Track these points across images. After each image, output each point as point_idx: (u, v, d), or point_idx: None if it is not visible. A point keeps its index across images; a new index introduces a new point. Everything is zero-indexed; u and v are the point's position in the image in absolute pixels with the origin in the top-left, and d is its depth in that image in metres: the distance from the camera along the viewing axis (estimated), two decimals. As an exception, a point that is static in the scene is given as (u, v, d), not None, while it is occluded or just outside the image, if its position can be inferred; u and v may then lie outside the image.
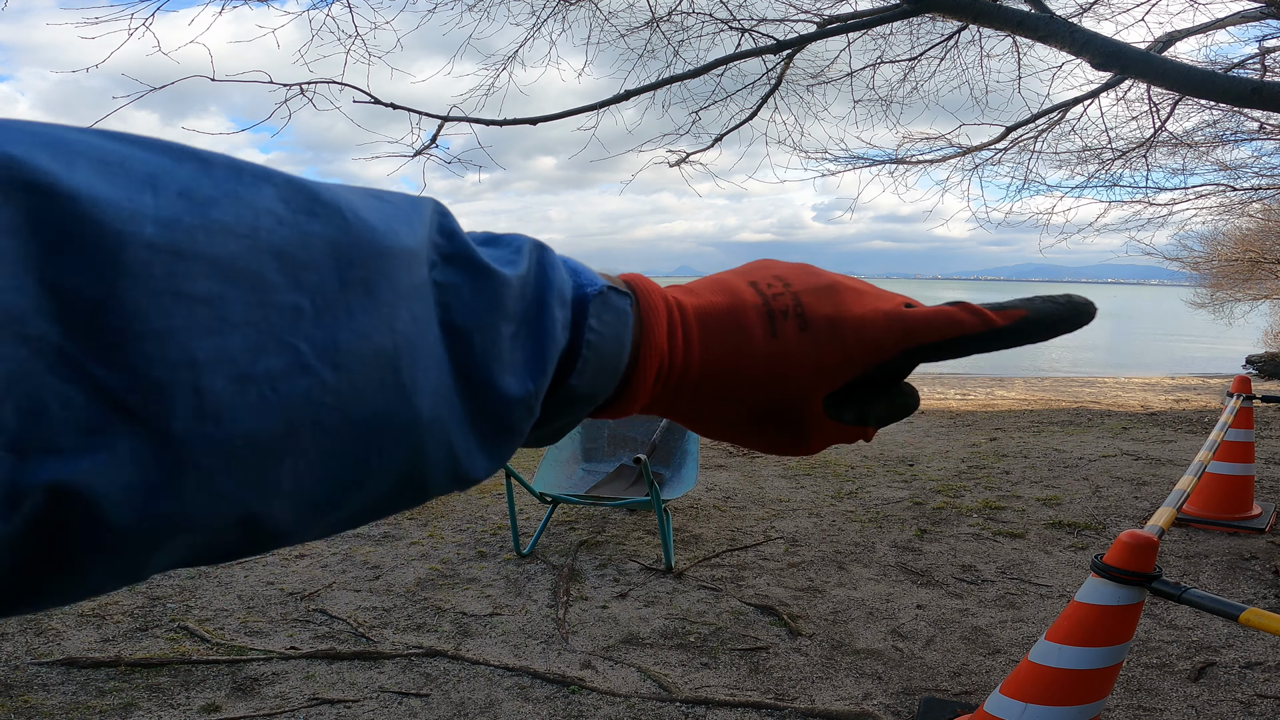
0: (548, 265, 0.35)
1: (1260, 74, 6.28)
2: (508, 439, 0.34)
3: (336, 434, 0.26)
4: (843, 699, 2.46)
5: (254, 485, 0.24)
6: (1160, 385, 15.05)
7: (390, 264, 0.27)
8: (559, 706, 2.41)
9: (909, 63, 6.90)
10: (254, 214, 0.24)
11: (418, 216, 0.30)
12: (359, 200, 0.28)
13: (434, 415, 0.29)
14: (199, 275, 0.22)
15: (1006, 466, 5.55)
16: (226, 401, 0.23)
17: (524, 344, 0.33)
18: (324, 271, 0.25)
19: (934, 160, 7.49)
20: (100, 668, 2.58)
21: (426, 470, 0.30)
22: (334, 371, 0.25)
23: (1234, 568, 3.48)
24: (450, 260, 0.31)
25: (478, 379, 0.31)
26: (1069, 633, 1.78)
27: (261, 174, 0.25)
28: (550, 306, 0.34)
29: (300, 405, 0.24)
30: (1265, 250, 18.47)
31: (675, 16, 6.29)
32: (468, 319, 0.30)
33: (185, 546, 0.24)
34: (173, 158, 0.24)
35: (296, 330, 0.24)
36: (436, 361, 0.29)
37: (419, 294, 0.29)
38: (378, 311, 0.27)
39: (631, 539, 3.96)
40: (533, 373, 0.33)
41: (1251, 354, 19.60)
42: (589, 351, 0.35)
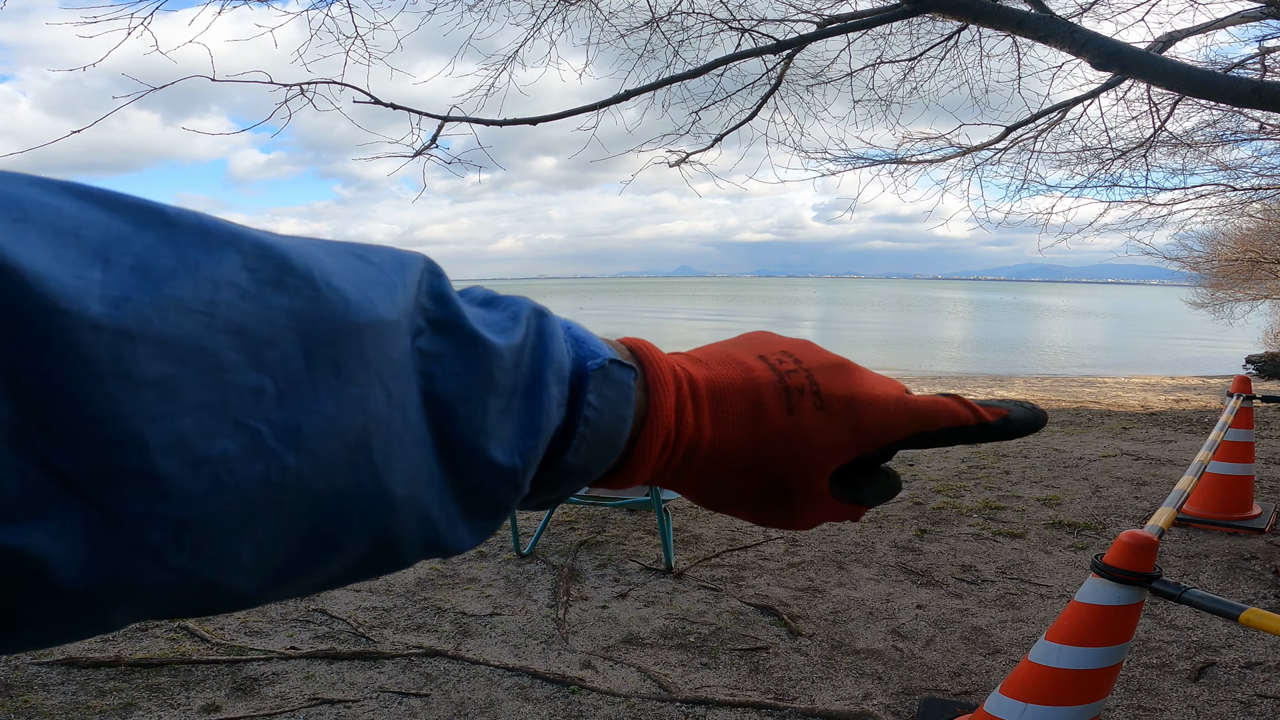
0: (546, 335, 0.33)
1: (1260, 74, 6.28)
2: (493, 513, 0.32)
3: (299, 513, 0.25)
4: (843, 699, 2.46)
5: (210, 559, 0.24)
6: (1160, 385, 15.05)
7: (364, 340, 0.26)
8: (559, 706, 2.41)
9: (909, 63, 6.90)
10: (213, 287, 0.23)
11: (402, 281, 0.28)
12: (336, 264, 0.27)
13: (408, 493, 0.28)
14: (148, 357, 0.21)
15: (1006, 466, 5.55)
16: (178, 484, 0.22)
17: (514, 418, 0.31)
18: (288, 349, 0.24)
19: (934, 160, 7.49)
20: (100, 668, 2.58)
21: (400, 543, 0.29)
22: (296, 454, 0.24)
23: (1234, 568, 3.48)
24: (438, 327, 0.29)
25: (462, 451, 0.30)
26: (1069, 633, 1.78)
27: (228, 237, 0.24)
28: (545, 381, 0.32)
29: (258, 487, 0.24)
30: (1265, 250, 18.47)
31: (675, 16, 6.29)
32: (452, 390, 0.29)
33: (145, 607, 0.24)
34: (134, 222, 0.23)
35: (256, 412, 0.24)
36: (414, 437, 0.28)
37: (397, 369, 0.27)
38: (347, 392, 0.26)
39: (631, 539, 3.96)
40: (522, 449, 0.31)
41: (1251, 354, 19.59)
42: (586, 428, 0.34)
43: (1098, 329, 42.85)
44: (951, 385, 14.82)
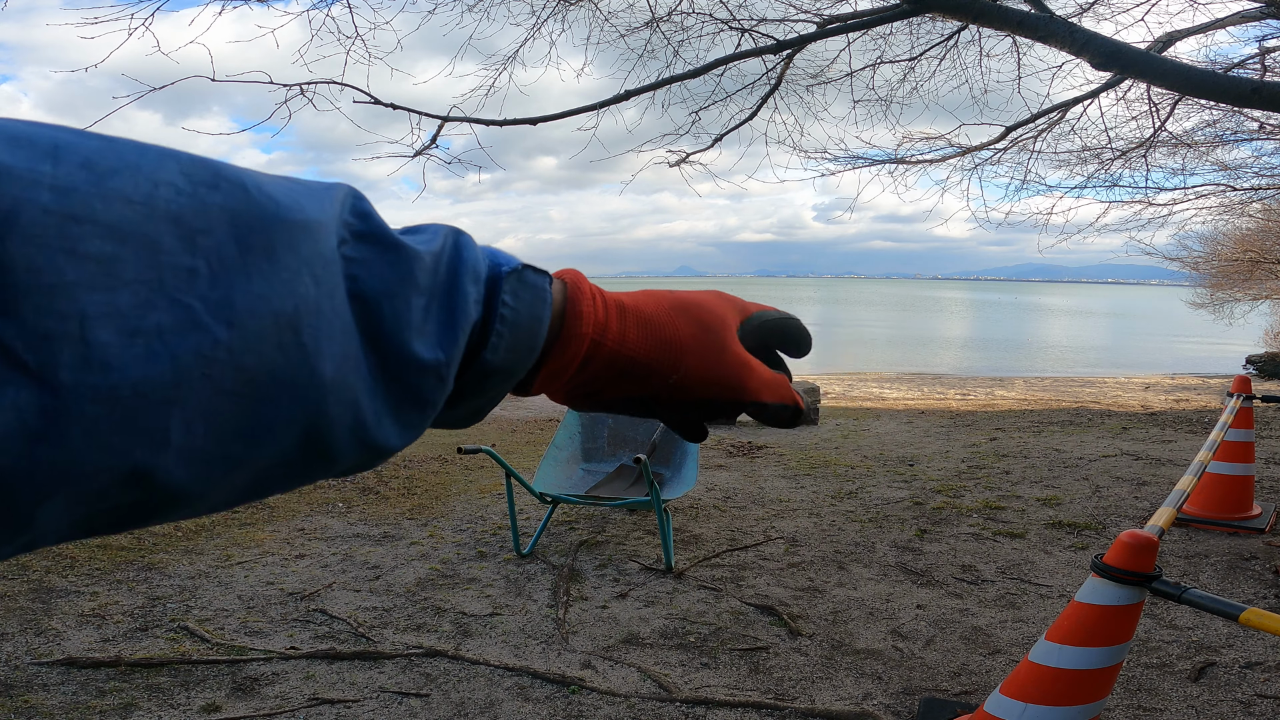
0: (462, 246, 0.36)
1: (1260, 74, 6.27)
2: (420, 408, 0.34)
3: (229, 389, 0.27)
4: (843, 699, 2.46)
5: (141, 436, 0.25)
6: (1160, 385, 15.04)
7: (294, 233, 0.28)
8: (559, 706, 2.41)
9: (909, 63, 6.90)
10: (152, 185, 0.25)
11: (328, 197, 0.31)
12: (267, 179, 0.29)
13: (338, 377, 0.30)
14: (92, 237, 0.23)
15: (1006, 466, 5.55)
16: (113, 352, 0.24)
17: (435, 315, 0.34)
18: (221, 237, 0.26)
19: (934, 160, 7.49)
20: (100, 668, 2.58)
21: (331, 431, 0.30)
22: (227, 329, 0.26)
23: (1234, 568, 3.48)
24: (361, 238, 0.32)
25: (387, 345, 0.32)
26: (1069, 633, 1.78)
27: (167, 153, 0.27)
28: (462, 282, 0.35)
29: (190, 359, 0.25)
30: (1265, 250, 18.46)
31: (675, 16, 6.29)
32: (376, 288, 0.32)
33: (77, 502, 0.25)
34: (78, 135, 0.25)
35: (190, 290, 0.25)
36: (343, 327, 0.30)
37: (325, 262, 0.29)
38: (278, 275, 0.28)
39: (631, 539, 3.96)
40: (444, 343, 0.34)
41: (1251, 354, 19.59)
42: (502, 326, 0.37)
43: (1098, 329, 42.83)
44: (951, 385, 14.82)
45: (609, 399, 0.45)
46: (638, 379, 0.44)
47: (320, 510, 4.44)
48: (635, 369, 0.43)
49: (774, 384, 0.48)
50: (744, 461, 5.89)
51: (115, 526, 0.27)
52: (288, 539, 3.93)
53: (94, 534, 0.27)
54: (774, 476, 5.37)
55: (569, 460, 4.28)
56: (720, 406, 0.47)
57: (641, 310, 0.44)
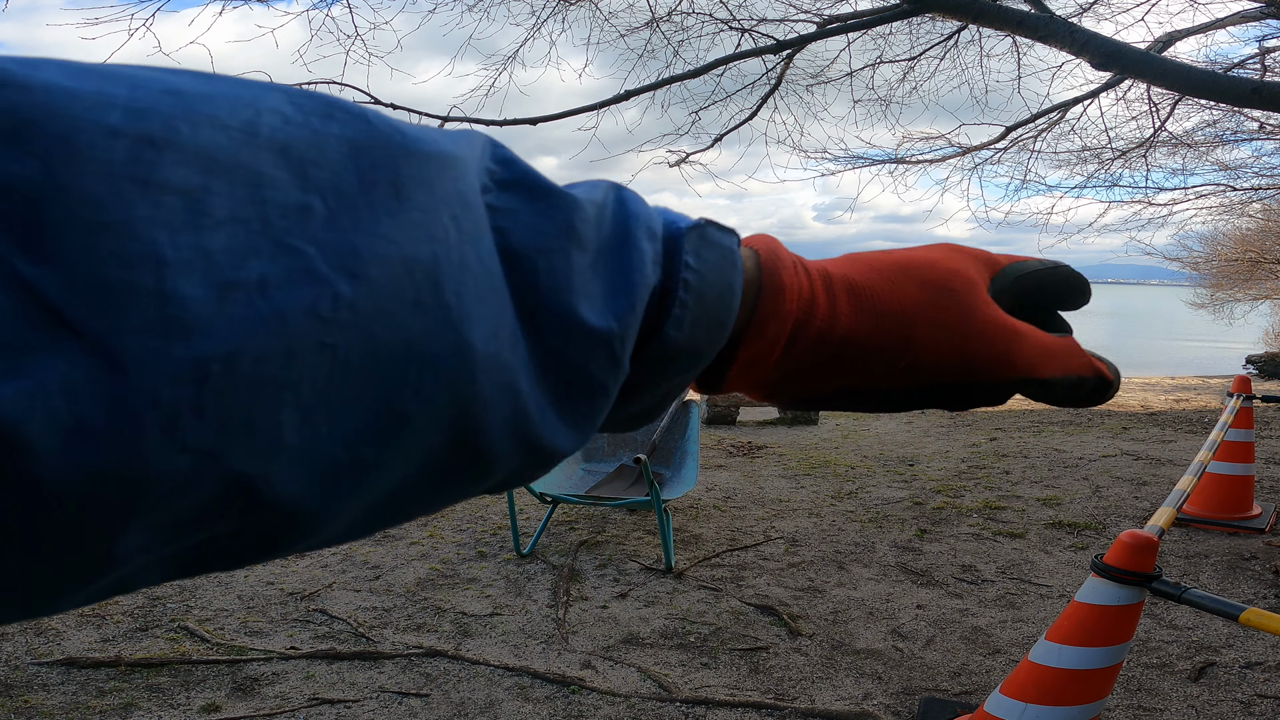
0: (627, 199, 0.30)
1: (1260, 74, 6.28)
2: (590, 396, 0.28)
3: (356, 364, 0.20)
4: (843, 699, 2.46)
5: (242, 434, 0.18)
6: (1160, 385, 15.04)
7: (427, 167, 0.23)
8: (559, 706, 2.41)
9: (909, 63, 6.90)
10: (255, 112, 0.20)
11: (466, 139, 0.26)
12: (393, 118, 0.24)
13: (491, 350, 0.23)
14: (174, 164, 0.18)
15: (1006, 466, 5.55)
16: (201, 311, 0.17)
17: (604, 275, 0.27)
18: (339, 170, 0.21)
19: (934, 160, 7.49)
20: (100, 668, 2.58)
21: (486, 424, 0.24)
22: (351, 281, 0.20)
23: (1234, 568, 3.48)
24: (507, 186, 0.26)
25: (547, 312, 0.25)
26: (1069, 633, 1.78)
27: (271, 85, 0.22)
28: (635, 236, 0.28)
29: (304, 321, 0.19)
30: (1265, 250, 18.47)
31: (675, 16, 6.29)
32: (529, 242, 0.25)
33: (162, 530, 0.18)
34: (165, 71, 0.20)
35: (302, 232, 0.20)
36: (495, 286, 0.24)
37: (467, 203, 0.24)
38: (409, 216, 0.22)
39: (631, 539, 3.96)
40: (616, 310, 0.27)
41: (1251, 354, 19.60)
42: (687, 294, 0.29)
43: (1098, 329, 42.83)
44: (951, 385, 14.82)
45: (819, 392, 0.36)
46: (854, 365, 0.34)
47: (320, 510, 4.44)
48: (850, 352, 0.34)
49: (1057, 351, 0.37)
50: (744, 461, 5.89)
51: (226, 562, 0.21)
52: (288, 539, 3.93)
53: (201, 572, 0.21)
54: (774, 476, 5.37)
55: (569, 460, 4.28)
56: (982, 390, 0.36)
57: (851, 278, 0.35)
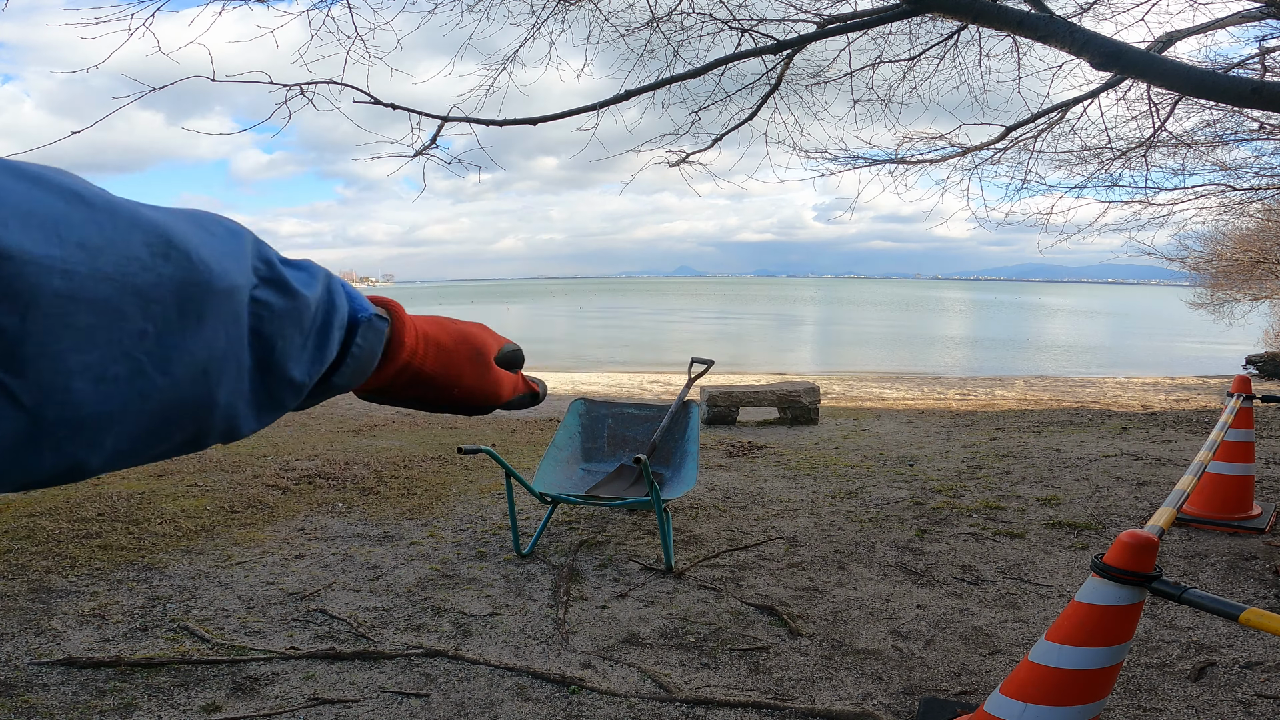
0: (334, 293, 0.48)
1: (1260, 74, 6.27)
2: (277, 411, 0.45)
3: (153, 414, 0.36)
4: (843, 699, 2.46)
5: (86, 446, 0.34)
6: (1160, 385, 15.04)
7: (219, 300, 0.38)
8: (559, 706, 2.41)
9: (909, 63, 6.89)
10: (125, 261, 0.33)
11: (240, 251, 0.40)
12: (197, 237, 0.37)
13: (227, 401, 0.40)
14: (83, 312, 0.32)
15: (1006, 466, 5.55)
16: (84, 396, 0.33)
17: (309, 350, 0.45)
18: (168, 304, 0.35)
19: (934, 160, 7.49)
20: (100, 668, 2.58)
21: (212, 434, 0.41)
22: (162, 375, 0.36)
23: (1234, 568, 3.48)
24: (268, 283, 0.42)
25: (273, 370, 0.43)
26: (1069, 633, 1.78)
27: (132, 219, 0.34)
28: (332, 327, 0.47)
29: (134, 398, 0.35)
30: (1265, 250, 18.46)
31: (675, 16, 6.29)
32: (274, 329, 0.42)
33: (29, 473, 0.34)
34: (65, 201, 0.32)
35: (141, 347, 0.34)
36: (238, 364, 0.40)
37: (236, 319, 0.39)
38: (202, 334, 0.37)
39: (631, 539, 3.96)
40: (311, 371, 0.46)
41: (1251, 354, 19.60)
42: (351, 361, 0.50)
43: (1098, 329, 42.82)
44: (951, 386, 14.82)
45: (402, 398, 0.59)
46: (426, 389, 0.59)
47: (320, 510, 4.44)
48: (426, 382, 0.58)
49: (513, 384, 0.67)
50: (744, 461, 5.89)
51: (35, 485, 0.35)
52: (288, 539, 3.93)
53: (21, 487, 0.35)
54: (774, 476, 5.37)
55: (569, 460, 4.28)
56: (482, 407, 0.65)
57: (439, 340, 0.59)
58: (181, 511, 4.26)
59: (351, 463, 5.47)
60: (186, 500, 4.47)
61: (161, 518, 4.15)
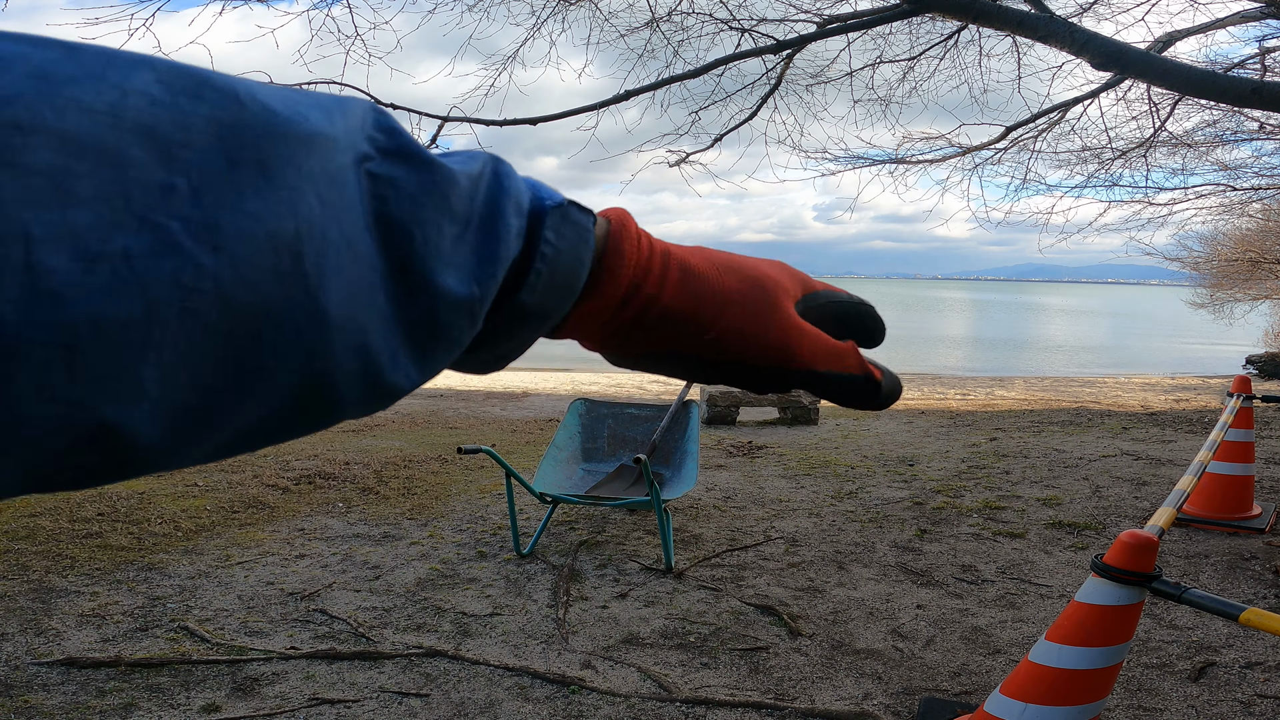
0: (503, 174, 0.34)
1: (1260, 74, 6.28)
2: (444, 347, 0.31)
3: (215, 326, 0.23)
4: (843, 699, 2.46)
5: (107, 386, 0.21)
6: (1160, 385, 15.04)
7: (294, 148, 0.25)
8: (559, 706, 2.41)
9: (909, 63, 6.90)
10: (121, 94, 0.22)
11: (342, 111, 0.28)
12: (264, 89, 0.26)
13: (347, 312, 0.26)
14: (39, 148, 0.20)
15: (1006, 466, 5.55)
16: (68, 281, 0.20)
17: (471, 246, 0.31)
18: (205, 151, 0.23)
19: (934, 160, 7.49)
20: (100, 668, 2.58)
21: (336, 375, 0.27)
22: (214, 254, 0.22)
23: (1234, 568, 3.48)
24: (390, 155, 0.29)
25: (415, 276, 0.29)
26: (1069, 633, 1.78)
27: (140, 60, 0.23)
28: (504, 212, 0.32)
29: (166, 289, 0.22)
30: (1265, 250, 18.47)
31: (675, 16, 6.29)
32: (407, 212, 0.29)
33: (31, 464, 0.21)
34: (32, 45, 0.21)
35: (165, 209, 0.22)
36: (357, 255, 0.27)
37: (335, 182, 0.26)
38: (275, 194, 0.24)
39: (631, 539, 3.96)
40: (479, 277, 0.31)
41: (1251, 354, 19.61)
42: (543, 264, 0.34)
43: (1098, 329, 42.84)
44: (951, 385, 14.82)
45: (644, 351, 0.41)
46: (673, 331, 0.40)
47: (320, 510, 4.44)
48: (671, 318, 0.39)
49: (834, 351, 0.43)
50: (744, 461, 5.89)
51: (73, 485, 0.24)
52: (288, 539, 3.93)
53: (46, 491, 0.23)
54: (774, 476, 5.37)
55: (569, 460, 4.28)
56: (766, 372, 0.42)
57: (687, 261, 0.40)
58: (181, 511, 4.26)
59: (351, 463, 5.47)
60: (186, 500, 4.47)
61: (161, 518, 4.15)
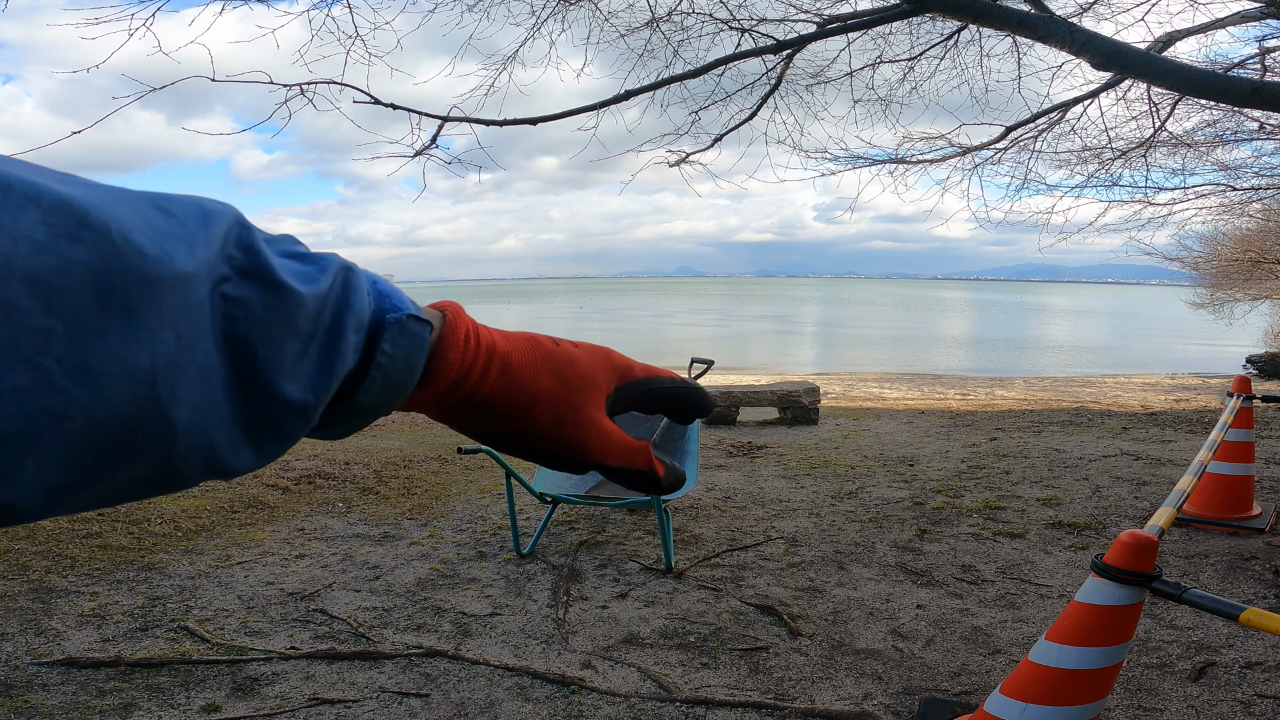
0: (351, 289, 0.37)
1: (1260, 74, 6.27)
2: (279, 439, 0.36)
3: (83, 437, 0.28)
4: (843, 699, 2.46)
5: None
6: (1160, 385, 15.04)
7: (157, 290, 0.29)
8: (559, 706, 2.41)
9: (909, 63, 6.90)
10: (12, 241, 0.25)
11: (204, 235, 0.31)
12: (136, 218, 0.29)
13: (194, 422, 0.31)
14: None
15: (1006, 466, 5.55)
16: None
17: (312, 360, 0.36)
18: (80, 296, 0.27)
19: (934, 160, 7.49)
20: (100, 668, 2.58)
21: (180, 465, 0.32)
22: (81, 388, 0.27)
23: (1234, 568, 3.48)
24: (245, 275, 0.33)
25: (257, 386, 0.33)
26: (1069, 633, 1.78)
27: (31, 194, 0.26)
28: (345, 329, 0.37)
29: (43, 416, 0.26)
30: (1265, 250, 18.47)
31: (675, 16, 6.29)
32: (254, 333, 0.33)
33: None
34: None
35: (46, 351, 0.26)
36: (205, 374, 0.31)
37: (191, 314, 0.30)
38: (136, 334, 0.28)
39: (631, 539, 3.96)
40: (315, 386, 0.36)
41: (1251, 354, 19.61)
42: (378, 372, 0.39)
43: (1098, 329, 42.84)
44: (951, 386, 14.82)
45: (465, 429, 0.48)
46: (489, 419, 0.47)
47: (320, 510, 4.44)
48: (489, 408, 0.46)
49: (627, 449, 0.50)
50: (744, 461, 5.89)
51: None
52: (288, 539, 3.93)
53: None
54: (774, 476, 5.37)
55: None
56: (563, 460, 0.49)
57: (509, 357, 0.46)
58: (181, 511, 4.26)
59: (351, 463, 5.47)
60: (186, 500, 4.47)
61: (161, 518, 4.15)
